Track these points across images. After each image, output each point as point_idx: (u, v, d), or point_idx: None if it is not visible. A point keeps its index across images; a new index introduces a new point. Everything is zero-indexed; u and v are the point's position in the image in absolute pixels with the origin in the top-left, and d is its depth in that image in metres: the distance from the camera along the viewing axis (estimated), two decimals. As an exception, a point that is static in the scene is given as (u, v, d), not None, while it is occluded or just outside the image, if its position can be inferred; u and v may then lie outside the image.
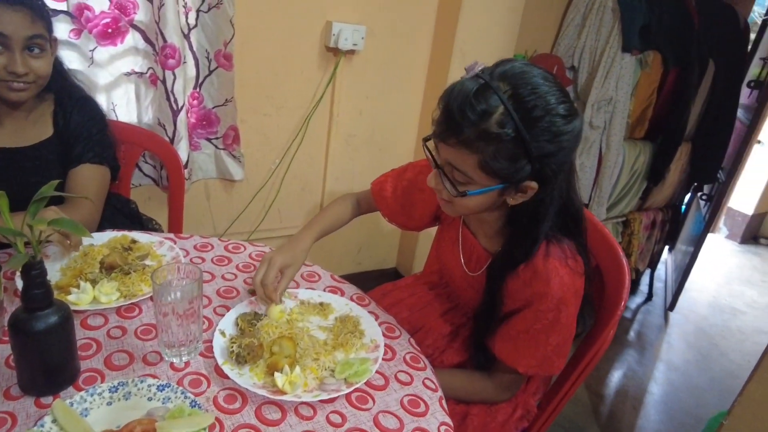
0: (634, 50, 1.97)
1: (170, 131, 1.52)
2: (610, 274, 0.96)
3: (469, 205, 0.83)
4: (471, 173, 0.77)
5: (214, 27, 1.51)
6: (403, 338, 0.95)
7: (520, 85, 0.73)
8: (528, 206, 0.82)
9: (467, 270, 0.99)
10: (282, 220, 1.90)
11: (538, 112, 0.72)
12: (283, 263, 0.94)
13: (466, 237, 0.99)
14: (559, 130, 0.74)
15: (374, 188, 1.16)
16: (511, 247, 0.86)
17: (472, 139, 0.73)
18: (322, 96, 1.76)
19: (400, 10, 1.79)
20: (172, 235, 1.20)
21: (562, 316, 0.83)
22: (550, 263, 0.83)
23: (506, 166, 0.75)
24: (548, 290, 0.82)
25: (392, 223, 1.18)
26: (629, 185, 2.32)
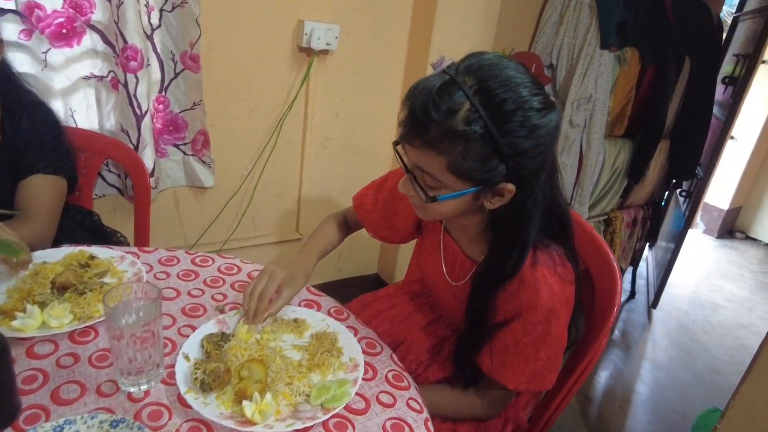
0: (612, 47, 1.95)
1: (134, 138, 1.43)
2: (600, 278, 0.92)
3: (442, 211, 0.78)
4: (440, 176, 0.72)
5: (179, 27, 1.44)
6: (384, 354, 0.89)
7: (488, 78, 0.67)
8: (510, 210, 0.76)
9: (450, 279, 0.93)
10: (257, 228, 1.82)
11: (509, 105, 0.67)
12: (283, 280, 0.88)
13: (448, 244, 0.94)
14: (534, 125, 0.68)
15: (355, 202, 1.11)
16: (497, 257, 0.80)
17: (437, 140, 0.68)
18: (296, 98, 1.69)
19: (374, 9, 1.73)
20: (135, 248, 1.12)
21: (553, 327, 0.78)
22: (538, 271, 0.77)
23: (477, 167, 0.69)
24: (537, 301, 0.77)
25: (376, 238, 1.12)
26: (610, 183, 2.30)
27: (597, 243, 0.95)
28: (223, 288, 1.01)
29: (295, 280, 0.92)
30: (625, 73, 2.07)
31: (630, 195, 2.50)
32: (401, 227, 1.04)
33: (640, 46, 2.08)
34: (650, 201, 2.72)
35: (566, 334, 0.82)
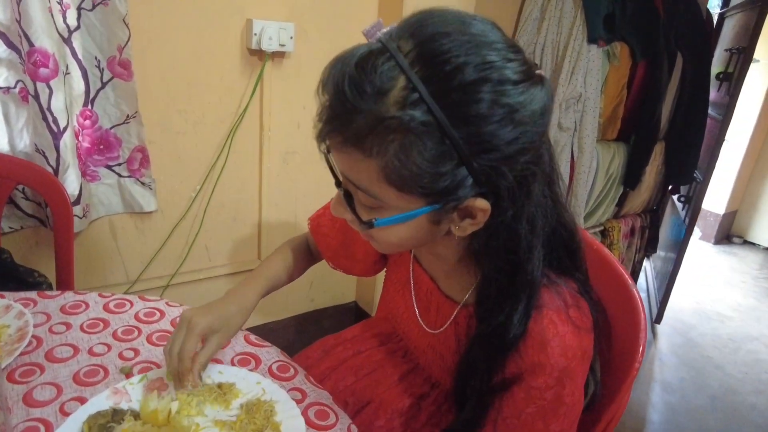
0: (600, 41, 1.78)
1: (53, 159, 1.21)
2: (619, 315, 0.70)
3: (390, 241, 0.56)
4: (374, 190, 0.50)
5: (103, 29, 1.23)
6: (339, 426, 0.66)
7: (434, 38, 0.46)
8: (494, 238, 0.54)
9: (425, 326, 0.71)
10: (211, 258, 1.60)
11: (468, 76, 0.45)
12: (207, 327, 0.67)
13: (420, 280, 0.72)
14: (513, 104, 0.46)
15: (312, 224, 0.90)
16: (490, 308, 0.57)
17: (362, 135, 0.47)
18: (247, 107, 1.48)
19: (335, 4, 1.54)
20: (34, 293, 0.89)
21: (566, 393, 0.56)
22: (545, 318, 0.55)
23: (424, 175, 0.48)
24: (545, 359, 0.55)
25: (337, 268, 0.91)
26: (605, 191, 2.12)
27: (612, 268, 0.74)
28: (137, 341, 0.79)
29: (229, 321, 0.71)
30: (616, 70, 1.91)
31: (626, 203, 2.33)
32: (362, 256, 0.83)
33: (629, 40, 1.92)
34: (648, 208, 2.55)
35: (583, 397, 0.60)
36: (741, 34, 2.33)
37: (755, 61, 3.47)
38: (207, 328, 0.67)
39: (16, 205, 1.27)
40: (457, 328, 0.66)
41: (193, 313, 0.68)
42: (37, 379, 0.69)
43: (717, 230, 3.83)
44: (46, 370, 0.71)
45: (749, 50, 2.11)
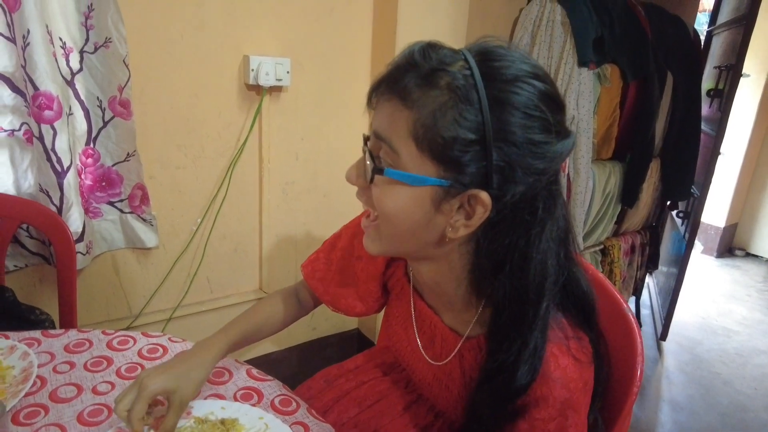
0: (590, 64, 1.82)
1: (56, 198, 1.23)
2: (616, 339, 0.71)
3: (386, 207, 0.57)
4: (399, 143, 0.54)
5: (105, 70, 1.27)
6: (343, 460, 0.67)
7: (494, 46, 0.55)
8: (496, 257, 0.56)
9: (429, 359, 0.72)
10: (213, 290, 1.60)
11: (511, 72, 0.52)
12: (161, 389, 0.64)
13: (422, 313, 0.73)
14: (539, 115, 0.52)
15: (305, 270, 0.89)
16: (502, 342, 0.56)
17: (411, 88, 0.53)
18: (246, 140, 1.51)
19: (329, 39, 1.59)
20: (38, 333, 0.90)
21: (570, 425, 0.57)
22: (547, 351, 0.56)
23: (448, 137, 0.51)
24: (548, 392, 0.56)
25: (338, 311, 0.89)
26: (603, 210, 2.13)
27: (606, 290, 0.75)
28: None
29: (188, 376, 0.68)
30: (607, 91, 1.94)
31: (625, 221, 2.34)
32: (363, 292, 0.83)
33: (619, 62, 1.96)
34: (647, 225, 2.56)
35: (586, 428, 0.60)
36: (729, 51, 2.38)
37: (745, 75, 3.53)
38: (160, 389, 0.64)
39: (21, 243, 1.28)
40: (462, 360, 0.66)
41: (147, 373, 0.66)
42: (41, 421, 0.69)
43: (719, 243, 3.84)
44: (50, 410, 0.71)
45: (737, 67, 2.15)
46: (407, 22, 1.59)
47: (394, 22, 1.59)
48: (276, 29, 1.48)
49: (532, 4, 1.93)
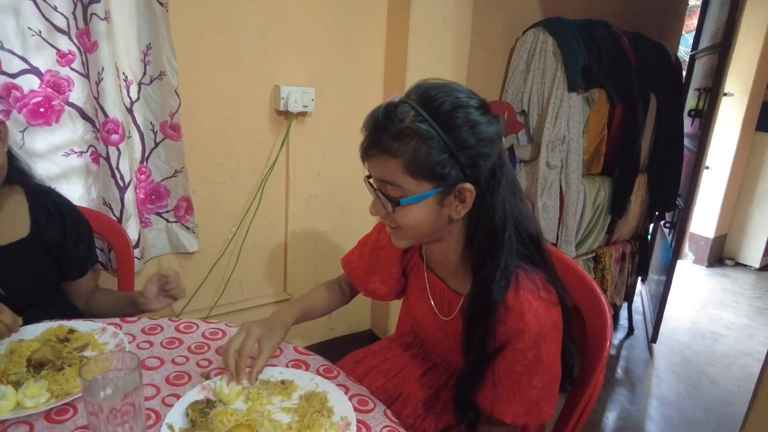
0: (579, 89, 2.03)
1: (117, 210, 1.43)
2: (590, 314, 0.91)
3: (410, 222, 0.79)
4: (399, 180, 0.76)
5: (159, 99, 1.48)
6: (377, 411, 0.85)
7: (428, 89, 0.76)
8: (479, 225, 0.79)
9: (440, 315, 0.91)
10: (243, 292, 1.80)
11: (447, 105, 0.74)
12: (261, 334, 0.87)
13: (434, 283, 0.94)
14: (475, 120, 0.74)
15: (343, 261, 1.12)
16: (482, 283, 0.79)
17: (390, 144, 0.74)
18: (276, 159, 1.72)
19: (347, 70, 1.80)
20: (117, 319, 1.09)
21: (543, 353, 0.77)
22: (521, 296, 0.77)
23: (430, 164, 0.73)
24: (524, 326, 0.76)
25: (366, 293, 1.10)
26: (594, 220, 2.33)
27: (584, 279, 0.95)
28: (208, 353, 0.98)
29: (274, 332, 0.91)
30: (595, 113, 2.15)
31: (615, 231, 2.52)
32: (386, 276, 1.03)
33: (606, 86, 2.17)
34: (636, 235, 2.75)
35: (559, 361, 0.80)
36: (708, 75, 2.59)
37: (729, 95, 3.76)
38: (260, 334, 0.87)
39: (83, 250, 1.48)
40: (463, 313, 0.87)
41: (250, 323, 0.88)
42: (139, 382, 0.88)
43: (709, 254, 4.02)
44: (143, 375, 0.90)
45: (714, 90, 2.36)
46: (416, 53, 1.81)
47: (404, 54, 1.81)
48: (302, 62, 1.70)
49: (526, 35, 2.15)
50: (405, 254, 1.01)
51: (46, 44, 1.26)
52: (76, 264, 1.16)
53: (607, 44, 2.18)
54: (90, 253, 1.19)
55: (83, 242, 1.16)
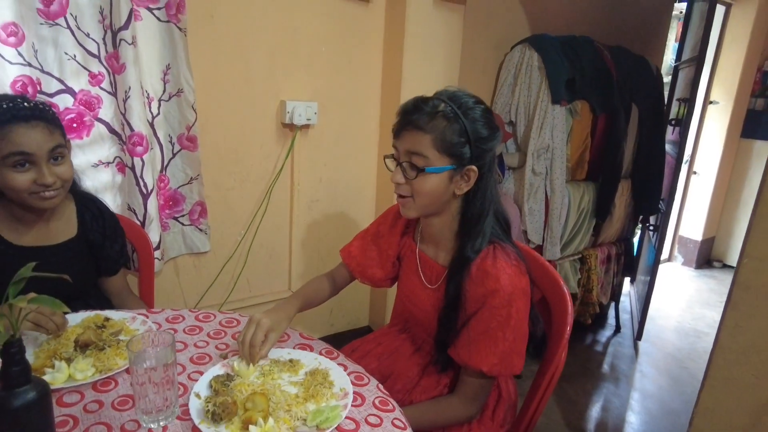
0: (562, 101, 2.18)
1: (141, 215, 1.58)
2: (554, 299, 1.06)
3: (425, 189, 0.97)
4: (427, 152, 0.94)
5: (177, 113, 1.63)
6: (371, 385, 1.00)
7: (454, 91, 0.98)
8: (473, 201, 0.99)
9: (428, 285, 1.08)
10: (251, 289, 1.95)
11: (470, 104, 0.95)
12: (269, 327, 1.01)
13: (424, 260, 1.10)
14: (484, 121, 0.95)
15: (343, 253, 1.27)
16: (462, 248, 0.99)
17: (425, 122, 0.94)
18: (282, 167, 1.88)
19: (347, 86, 1.96)
20: (144, 310, 1.24)
21: (513, 311, 0.94)
22: (498, 263, 0.95)
23: (453, 143, 0.93)
24: (498, 286, 0.93)
25: (364, 281, 1.25)
26: (579, 224, 2.47)
27: (548, 271, 1.10)
28: (225, 339, 1.13)
29: (279, 324, 1.05)
30: (579, 123, 2.30)
31: (601, 233, 2.67)
32: (384, 260, 1.19)
33: (589, 98, 2.32)
34: (622, 237, 2.90)
35: (526, 322, 0.97)
36: (689, 85, 2.74)
37: (715, 103, 3.92)
38: (269, 326, 1.00)
39: (108, 250, 1.63)
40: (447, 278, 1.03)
41: (260, 316, 1.02)
42: (168, 361, 1.03)
43: (697, 256, 4.16)
44: (171, 356, 1.05)
45: (692, 99, 2.51)
46: (410, 71, 1.97)
47: (399, 72, 1.97)
48: (306, 79, 1.86)
49: (514, 51, 2.31)
50: (401, 239, 1.18)
51: (80, 67, 1.42)
52: (111, 263, 1.31)
53: (590, 58, 2.33)
54: (122, 253, 1.34)
55: (118, 244, 1.31)
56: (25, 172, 1.05)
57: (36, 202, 1.09)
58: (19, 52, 1.31)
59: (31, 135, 1.04)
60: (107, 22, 1.42)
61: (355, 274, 1.25)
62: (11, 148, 1.02)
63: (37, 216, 1.17)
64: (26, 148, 1.03)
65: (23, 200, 1.09)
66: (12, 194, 1.08)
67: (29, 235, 1.17)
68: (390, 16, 1.99)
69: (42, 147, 1.05)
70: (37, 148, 1.04)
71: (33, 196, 1.08)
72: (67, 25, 1.37)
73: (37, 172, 1.06)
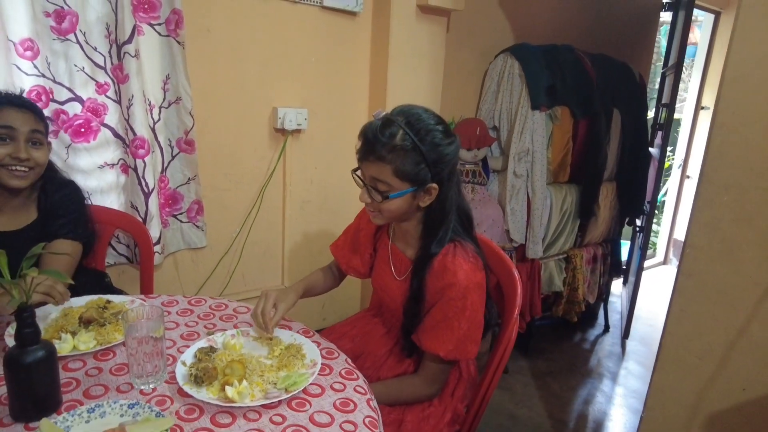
0: (542, 107, 2.29)
1: (143, 212, 1.72)
2: (505, 282, 1.18)
3: (391, 209, 1.08)
4: (389, 180, 1.04)
5: (176, 119, 1.77)
6: (340, 359, 1.12)
7: (409, 115, 1.05)
8: (435, 210, 1.09)
9: (397, 276, 1.20)
10: (246, 283, 2.08)
11: (423, 131, 1.03)
12: (276, 298, 1.15)
13: (395, 252, 1.23)
14: (441, 141, 1.04)
15: (332, 247, 1.42)
16: (426, 246, 1.10)
17: (385, 154, 1.02)
18: (274, 169, 2.01)
19: (336, 94, 2.10)
20: (142, 295, 1.37)
21: (468, 304, 1.05)
22: (456, 260, 1.06)
23: (412, 170, 1.02)
24: (455, 281, 1.04)
25: (348, 272, 1.38)
26: (563, 224, 2.57)
27: (503, 259, 1.22)
28: (213, 320, 1.26)
29: (287, 296, 1.19)
30: (559, 128, 2.41)
31: (587, 234, 2.76)
32: (363, 252, 1.32)
33: (569, 104, 2.43)
34: (608, 239, 2.98)
35: (481, 313, 1.08)
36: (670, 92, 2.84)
37: (706, 108, 4.00)
38: (277, 298, 1.15)
39: (113, 246, 1.77)
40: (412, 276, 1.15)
41: (267, 291, 1.16)
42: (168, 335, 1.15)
43: (691, 259, 4.22)
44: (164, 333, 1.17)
45: (671, 106, 2.61)
46: (395, 80, 2.11)
47: (385, 79, 2.10)
48: (296, 87, 2.00)
49: (497, 60, 2.43)
50: (375, 234, 1.31)
51: (87, 78, 1.57)
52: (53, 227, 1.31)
53: (570, 66, 2.45)
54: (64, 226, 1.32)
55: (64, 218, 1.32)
56: (4, 146, 1.19)
57: (6, 177, 1.20)
58: (34, 65, 1.46)
59: (17, 115, 1.20)
60: (113, 37, 1.57)
61: (342, 265, 1.37)
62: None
63: (6, 203, 1.27)
64: (10, 123, 1.18)
65: None
66: None
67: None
68: (376, 28, 2.13)
69: (24, 125, 1.20)
70: (20, 125, 1.19)
71: (4, 169, 1.20)
72: (76, 40, 1.52)
73: (15, 147, 1.19)
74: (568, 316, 2.80)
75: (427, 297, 1.10)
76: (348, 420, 0.91)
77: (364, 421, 0.92)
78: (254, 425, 0.87)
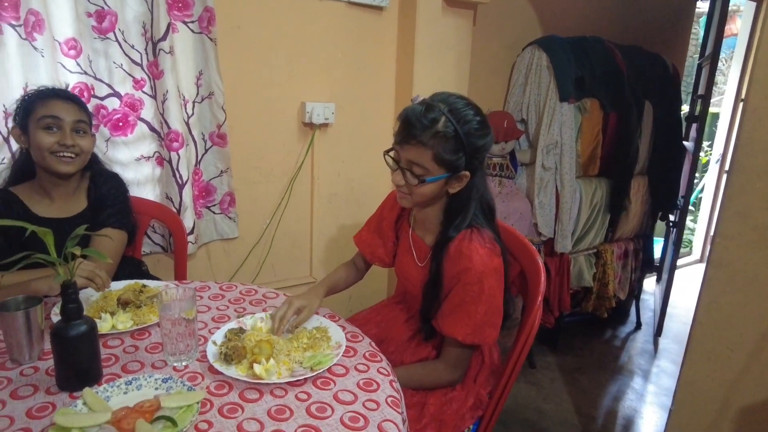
0: (571, 99, 2.27)
1: (177, 203, 1.79)
2: (529, 270, 1.19)
3: (425, 193, 1.09)
4: (427, 165, 1.05)
5: (209, 114, 1.84)
6: (365, 342, 1.15)
7: (450, 103, 1.05)
8: (459, 197, 1.11)
9: (418, 262, 1.22)
10: (276, 274, 2.13)
11: (464, 120, 1.03)
12: (300, 305, 1.15)
13: (416, 240, 1.24)
14: (479, 132, 1.05)
15: (355, 238, 1.44)
16: (445, 231, 1.13)
17: (427, 139, 1.02)
18: (303, 163, 2.06)
19: (362, 88, 2.13)
20: (176, 281, 1.43)
21: (485, 287, 1.06)
22: (472, 245, 1.07)
23: (451, 157, 1.03)
24: (471, 265, 1.06)
25: (374, 261, 1.40)
26: (592, 218, 2.53)
27: (526, 247, 1.22)
28: (243, 304, 1.31)
29: (311, 302, 1.19)
30: (588, 120, 2.37)
31: (618, 229, 2.71)
32: (385, 240, 1.34)
33: (599, 96, 2.40)
34: (640, 234, 2.92)
35: (500, 298, 1.08)
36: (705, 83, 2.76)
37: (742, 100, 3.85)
38: (299, 305, 1.14)
39: (149, 236, 1.85)
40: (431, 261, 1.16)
41: (293, 297, 1.18)
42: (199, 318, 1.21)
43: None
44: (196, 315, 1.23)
45: (706, 98, 2.53)
46: (421, 72, 2.12)
47: (411, 73, 2.12)
48: (324, 82, 2.04)
49: (524, 53, 2.42)
50: (396, 222, 1.33)
51: (125, 74, 1.64)
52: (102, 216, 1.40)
53: (600, 58, 2.41)
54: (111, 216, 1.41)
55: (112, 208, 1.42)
56: (52, 134, 1.28)
57: (55, 164, 1.29)
58: (77, 63, 1.54)
59: (63, 106, 1.29)
60: (148, 35, 1.64)
61: (366, 256, 1.40)
62: (45, 112, 1.27)
63: (58, 191, 1.36)
64: (57, 113, 1.27)
65: (46, 161, 1.28)
66: (38, 154, 1.29)
67: (51, 208, 1.37)
68: (402, 23, 2.15)
69: (69, 115, 1.29)
70: (65, 115, 1.28)
71: (53, 156, 1.28)
72: (115, 38, 1.60)
73: (62, 135, 1.28)
74: (597, 312, 2.75)
75: (444, 282, 1.11)
76: (371, 399, 0.94)
77: (386, 400, 0.94)
78: (280, 401, 0.91)
